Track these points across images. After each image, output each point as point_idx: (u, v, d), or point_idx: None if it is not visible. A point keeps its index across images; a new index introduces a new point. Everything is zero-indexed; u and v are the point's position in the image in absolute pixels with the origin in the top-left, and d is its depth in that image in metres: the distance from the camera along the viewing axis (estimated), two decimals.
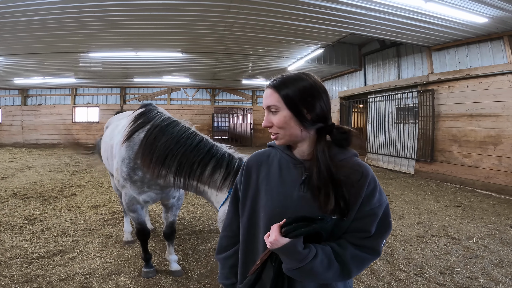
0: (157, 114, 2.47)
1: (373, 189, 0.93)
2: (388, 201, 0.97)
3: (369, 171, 0.95)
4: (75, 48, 8.62)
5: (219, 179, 2.04)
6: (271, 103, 0.97)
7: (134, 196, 2.48)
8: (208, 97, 17.47)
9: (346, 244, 0.93)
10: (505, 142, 6.25)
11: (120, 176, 2.45)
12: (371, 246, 0.93)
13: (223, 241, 1.16)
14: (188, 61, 10.63)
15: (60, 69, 11.64)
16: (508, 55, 6.23)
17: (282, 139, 0.99)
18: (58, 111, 16.16)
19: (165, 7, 5.80)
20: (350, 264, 0.91)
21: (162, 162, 2.19)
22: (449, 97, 7.52)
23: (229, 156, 2.11)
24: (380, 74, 10.24)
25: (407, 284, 2.64)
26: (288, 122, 0.95)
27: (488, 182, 6.52)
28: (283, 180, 0.99)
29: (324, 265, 0.88)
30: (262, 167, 1.06)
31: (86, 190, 6.07)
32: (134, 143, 2.37)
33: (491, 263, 3.01)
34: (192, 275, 2.73)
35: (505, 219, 4.47)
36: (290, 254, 0.85)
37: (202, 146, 2.16)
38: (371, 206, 0.92)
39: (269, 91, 0.99)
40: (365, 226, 0.93)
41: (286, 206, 0.96)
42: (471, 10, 5.21)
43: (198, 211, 4.77)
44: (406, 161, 8.86)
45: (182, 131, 2.26)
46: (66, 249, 3.21)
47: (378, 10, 5.59)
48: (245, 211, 1.07)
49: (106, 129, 3.46)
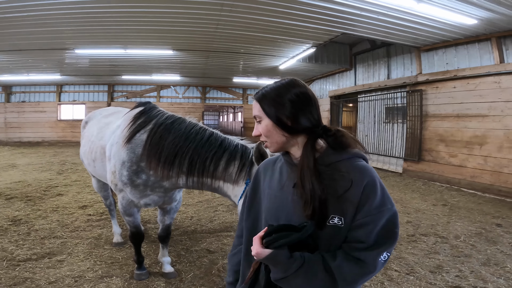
0: (159, 112, 2.37)
1: (369, 193, 0.85)
2: (395, 209, 0.87)
3: (366, 174, 0.88)
4: (61, 45, 8.40)
5: (235, 172, 1.98)
6: (255, 113, 1.02)
7: (133, 200, 2.37)
8: (198, 95, 17.33)
9: (339, 255, 0.85)
10: (491, 142, 6.42)
11: (119, 180, 2.32)
12: (364, 258, 0.84)
13: (235, 240, 1.21)
14: (178, 59, 10.50)
15: (45, 66, 11.34)
16: (496, 56, 6.38)
17: (271, 147, 1.02)
18: (43, 108, 15.73)
19: (156, 4, 5.70)
20: (338, 277, 0.83)
21: (172, 162, 2.09)
22: (436, 98, 7.68)
23: (242, 147, 2.05)
24: (370, 73, 10.36)
25: (399, 283, 2.67)
26: (271, 130, 0.98)
27: (473, 181, 6.69)
28: (282, 184, 1.00)
29: (309, 276, 0.83)
30: (268, 172, 1.09)
31: (73, 190, 5.91)
32: (135, 145, 2.26)
33: (479, 262, 3.08)
34: (186, 277, 2.69)
35: (491, 218, 4.59)
36: (274, 264, 0.85)
37: (213, 141, 2.09)
38: (367, 213, 0.85)
39: (254, 102, 1.05)
40: (360, 235, 0.85)
41: (281, 210, 0.97)
42: (461, 11, 5.30)
43: (190, 211, 4.72)
44: (394, 160, 9.01)
45: (190, 127, 2.18)
46: (54, 251, 3.12)
47: (371, 11, 5.64)
48: (251, 214, 1.10)
49: (86, 125, 3.28)
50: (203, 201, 5.31)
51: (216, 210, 4.82)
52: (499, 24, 5.78)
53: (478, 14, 5.37)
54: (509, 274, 2.79)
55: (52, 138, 15.76)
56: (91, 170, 3.04)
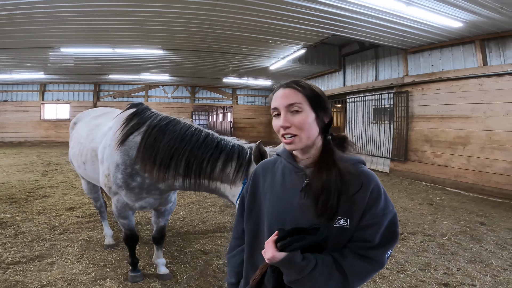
0: (152, 113, 2.34)
1: (376, 197, 0.91)
2: (395, 211, 0.94)
3: (371, 180, 0.93)
4: (46, 44, 8.18)
5: (232, 172, 1.98)
6: (295, 101, 0.93)
7: (128, 203, 2.34)
8: (187, 95, 17.18)
9: (348, 254, 0.91)
10: (473, 142, 6.65)
11: (113, 183, 2.28)
12: (374, 256, 0.90)
13: (232, 242, 1.21)
14: (168, 59, 10.40)
15: (29, 64, 11.05)
16: (479, 59, 6.58)
17: (299, 143, 0.94)
18: (25, 107, 15.27)
19: (147, 3, 5.63)
20: (351, 275, 0.88)
21: (168, 164, 2.07)
22: (422, 99, 7.89)
23: (239, 147, 2.05)
24: (358, 75, 10.53)
25: (391, 281, 2.75)
26: (311, 123, 0.94)
27: (457, 180, 6.92)
28: (285, 187, 1.00)
29: (324, 276, 0.87)
30: (268, 175, 1.08)
31: (59, 191, 5.77)
32: (129, 147, 2.22)
33: (465, 260, 3.19)
34: (181, 278, 2.69)
35: (475, 217, 4.77)
36: (289, 267, 0.86)
37: (209, 142, 2.07)
38: (374, 215, 0.90)
39: (290, 90, 0.96)
40: (368, 236, 0.90)
41: (286, 213, 0.97)
42: (448, 14, 5.45)
43: (181, 212, 4.69)
44: (382, 160, 9.21)
45: (185, 128, 2.15)
46: (44, 254, 3.05)
47: (362, 13, 5.74)
48: (252, 217, 1.09)
49: (75, 126, 3.22)
50: (195, 202, 5.28)
51: (208, 211, 4.81)
52: (483, 27, 5.96)
53: (464, 17, 5.52)
54: (495, 272, 2.90)
55: (35, 138, 15.30)
56: (81, 172, 2.98)
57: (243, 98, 18.09)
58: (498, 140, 6.17)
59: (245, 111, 17.94)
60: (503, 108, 6.10)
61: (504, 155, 6.07)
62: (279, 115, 0.96)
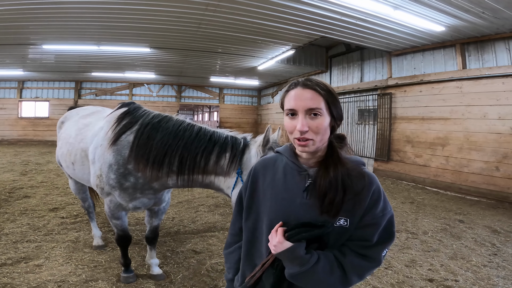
0: (144, 112, 2.32)
1: (376, 199, 0.94)
2: (392, 212, 0.97)
3: (374, 181, 0.95)
4: (26, 40, 7.88)
5: (226, 164, 1.97)
6: (316, 106, 0.91)
7: (121, 203, 2.31)
8: (173, 94, 16.96)
9: (347, 252, 0.94)
10: (452, 143, 6.96)
11: (106, 184, 2.25)
12: (371, 255, 0.94)
13: (229, 238, 1.21)
14: (155, 57, 10.22)
15: (8, 61, 10.59)
16: (459, 62, 6.86)
17: (312, 146, 0.93)
18: (2, 105, 14.68)
19: (139, 1, 5.53)
20: (350, 272, 0.92)
21: (161, 162, 2.05)
22: (404, 101, 8.15)
23: (232, 138, 2.04)
24: (344, 76, 10.74)
25: (380, 277, 2.85)
26: (327, 128, 0.93)
27: (436, 180, 7.22)
28: (287, 187, 1.00)
29: (326, 271, 0.89)
30: (268, 173, 1.07)
31: (40, 191, 5.58)
32: (122, 147, 2.19)
33: (447, 256, 3.34)
34: (175, 278, 2.68)
35: (454, 215, 4.99)
36: (293, 258, 0.88)
37: (202, 136, 2.06)
38: (374, 216, 0.93)
39: (312, 93, 0.92)
40: (367, 235, 0.93)
41: (289, 212, 0.97)
42: (432, 19, 5.65)
43: (171, 212, 4.66)
44: (366, 160, 9.44)
45: (177, 124, 2.14)
46: (30, 255, 2.96)
47: (351, 16, 5.87)
48: (251, 214, 1.08)
49: (63, 125, 3.15)
50: (183, 202, 5.25)
51: (198, 211, 4.79)
52: (464, 31, 6.19)
53: (447, 21, 5.74)
54: (476, 268, 3.05)
55: (12, 137, 14.67)
56: (70, 172, 2.91)
57: (230, 98, 18.05)
58: (475, 141, 6.49)
59: (231, 111, 17.90)
60: (480, 111, 6.40)
61: (480, 156, 6.38)
62: (294, 115, 0.94)
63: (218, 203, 5.23)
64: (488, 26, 5.76)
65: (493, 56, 6.32)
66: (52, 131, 14.92)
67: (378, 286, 2.69)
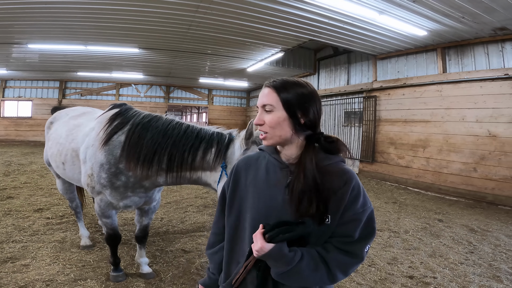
0: (135, 112, 2.36)
1: (356, 195, 0.94)
2: (372, 207, 0.98)
3: (353, 177, 0.97)
4: (10, 39, 7.71)
5: (212, 159, 2.03)
6: (268, 102, 0.98)
7: (112, 202, 2.34)
8: (161, 94, 16.82)
9: (331, 248, 0.94)
10: (432, 145, 7.23)
11: (97, 183, 2.28)
12: (354, 250, 0.94)
13: (211, 238, 1.21)
14: (143, 57, 10.13)
15: None
16: (439, 66, 7.13)
17: (270, 139, 0.99)
18: None
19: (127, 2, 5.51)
20: (334, 268, 0.92)
21: (151, 160, 2.10)
22: (388, 103, 8.40)
23: (218, 134, 2.10)
24: (332, 79, 10.94)
25: (363, 274, 2.97)
26: (281, 123, 0.97)
27: (418, 180, 7.48)
28: (269, 183, 1.01)
29: (311, 268, 0.90)
30: (251, 170, 1.08)
31: (24, 192, 5.47)
32: (113, 146, 2.24)
33: (427, 254, 3.49)
34: (165, 277, 2.71)
35: (433, 214, 5.20)
36: (277, 258, 0.88)
37: (189, 133, 2.12)
38: (354, 212, 0.94)
39: (268, 90, 1.00)
40: (349, 231, 0.94)
41: (271, 208, 0.98)
42: (415, 23, 5.87)
43: (160, 213, 4.67)
44: (351, 162, 9.67)
45: (166, 123, 2.19)
46: (16, 255, 2.93)
47: (338, 19, 6.03)
48: (233, 211, 1.09)
49: (52, 126, 3.16)
50: (172, 203, 5.27)
51: (186, 211, 4.83)
52: (445, 35, 6.43)
53: (429, 26, 5.96)
54: (453, 265, 3.20)
55: None
56: (60, 172, 2.92)
57: (219, 99, 18.06)
58: (454, 143, 6.77)
59: (220, 112, 17.91)
60: (459, 114, 6.69)
61: (459, 157, 6.67)
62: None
63: (207, 203, 5.28)
64: (468, 30, 5.99)
65: (472, 60, 6.58)
66: (35, 131, 14.53)
67: (362, 282, 2.79)
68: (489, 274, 2.99)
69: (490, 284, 2.79)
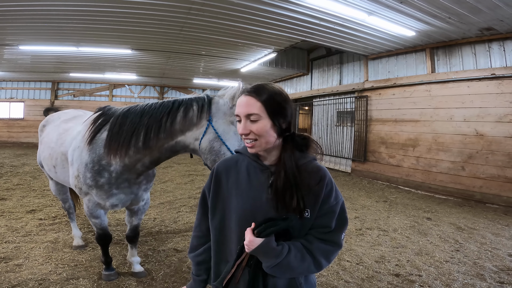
0: (117, 109, 2.39)
1: (330, 189, 1.05)
2: (343, 199, 1.09)
3: (327, 173, 1.07)
4: (2, 41, 7.69)
5: (195, 115, 2.01)
6: (253, 112, 1.01)
7: (99, 202, 2.38)
8: (155, 95, 16.76)
9: (312, 239, 1.03)
10: (422, 144, 7.35)
11: (83, 184, 2.31)
12: (333, 239, 1.04)
13: (193, 241, 1.24)
14: (136, 58, 10.10)
15: None
16: (428, 66, 7.24)
17: (258, 147, 1.04)
18: None
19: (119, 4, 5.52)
20: (318, 256, 1.01)
21: (129, 141, 2.10)
22: (379, 103, 8.50)
23: (195, 96, 2.10)
24: (324, 79, 11.02)
25: (351, 272, 3.04)
26: (268, 130, 1.02)
27: (408, 179, 7.59)
28: (252, 184, 1.08)
29: (298, 259, 0.99)
30: (231, 173, 1.13)
31: (16, 194, 5.46)
32: (97, 145, 2.28)
33: (413, 252, 3.56)
34: (157, 275, 2.76)
35: (422, 212, 5.30)
36: (267, 252, 0.96)
37: (166, 103, 2.10)
38: (330, 204, 1.04)
39: (249, 99, 1.02)
40: (326, 222, 1.04)
41: (256, 208, 1.05)
42: (403, 24, 5.97)
43: (152, 213, 4.71)
44: (344, 161, 9.78)
45: (144, 105, 2.19)
46: (9, 255, 2.97)
47: (329, 21, 6.11)
48: (217, 214, 1.14)
49: (44, 129, 3.21)
50: (165, 203, 5.31)
51: (179, 211, 4.87)
52: (433, 36, 6.54)
53: (417, 27, 6.07)
54: (438, 263, 3.26)
55: None
56: (52, 175, 2.98)
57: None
58: (443, 142, 6.90)
59: None
60: (447, 113, 6.81)
61: (447, 156, 6.80)
62: (240, 120, 1.05)
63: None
64: (455, 31, 6.10)
65: (460, 60, 6.70)
66: (27, 133, 14.41)
67: (350, 280, 2.85)
68: (473, 272, 3.03)
69: (474, 282, 2.83)
